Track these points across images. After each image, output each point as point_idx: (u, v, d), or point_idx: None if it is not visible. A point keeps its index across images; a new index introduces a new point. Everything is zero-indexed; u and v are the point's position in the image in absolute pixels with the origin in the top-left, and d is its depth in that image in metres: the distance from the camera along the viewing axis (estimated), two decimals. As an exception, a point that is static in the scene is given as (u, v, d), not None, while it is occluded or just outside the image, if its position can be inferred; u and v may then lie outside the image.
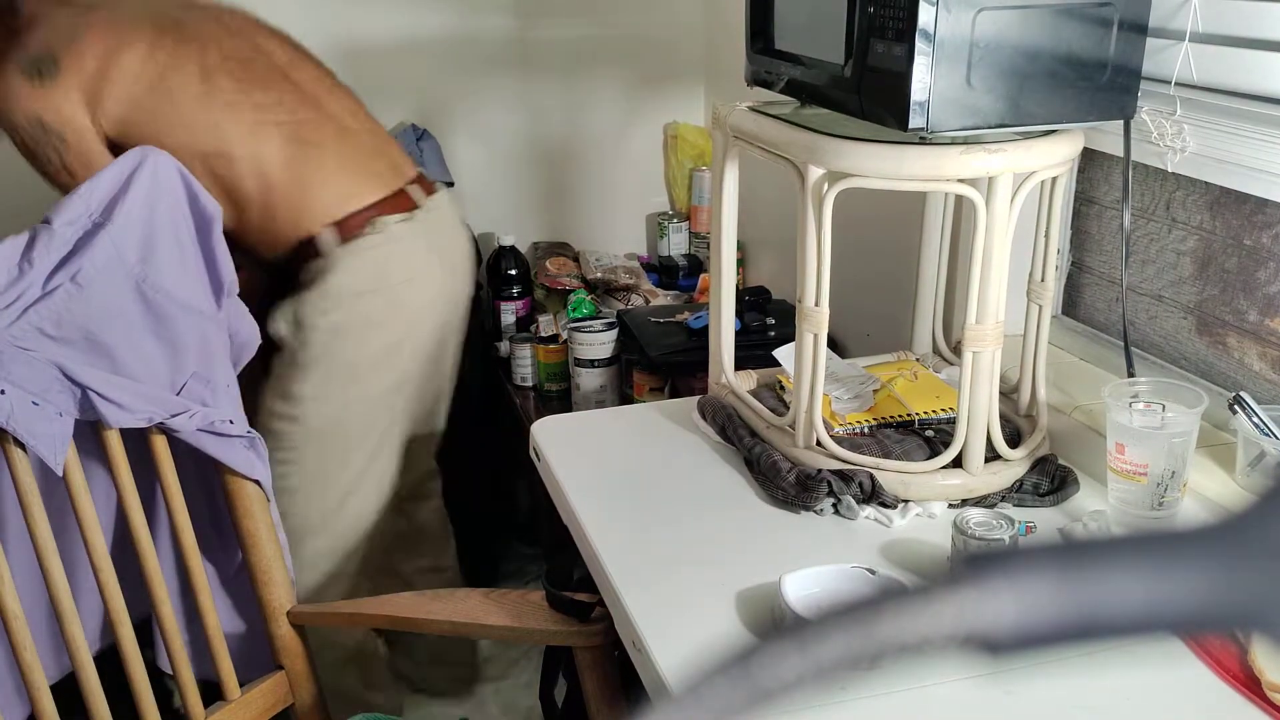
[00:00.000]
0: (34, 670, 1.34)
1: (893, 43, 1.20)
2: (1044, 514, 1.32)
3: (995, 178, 1.22)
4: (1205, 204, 1.41)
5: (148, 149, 1.45)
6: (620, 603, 1.19)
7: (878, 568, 1.17)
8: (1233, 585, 0.33)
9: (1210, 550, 0.33)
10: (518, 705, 2.26)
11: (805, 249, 1.30)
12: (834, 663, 0.34)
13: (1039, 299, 1.40)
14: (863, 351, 1.81)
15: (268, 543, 1.55)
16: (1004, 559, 0.34)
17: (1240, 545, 0.33)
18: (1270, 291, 1.34)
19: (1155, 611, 0.33)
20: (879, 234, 2.00)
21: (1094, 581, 0.33)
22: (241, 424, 1.50)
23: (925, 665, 0.34)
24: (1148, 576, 0.33)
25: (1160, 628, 0.33)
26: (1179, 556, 0.33)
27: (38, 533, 1.34)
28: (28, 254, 1.33)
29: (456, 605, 1.56)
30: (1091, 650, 0.33)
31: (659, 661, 1.09)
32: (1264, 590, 0.33)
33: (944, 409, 1.44)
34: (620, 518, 1.36)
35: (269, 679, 1.56)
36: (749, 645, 0.35)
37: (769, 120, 1.38)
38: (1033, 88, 1.23)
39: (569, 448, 1.52)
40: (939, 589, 0.34)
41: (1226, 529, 0.34)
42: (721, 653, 0.36)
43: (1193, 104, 1.32)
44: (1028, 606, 0.33)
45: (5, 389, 1.29)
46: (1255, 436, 1.24)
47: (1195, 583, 0.33)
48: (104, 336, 1.38)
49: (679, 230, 2.84)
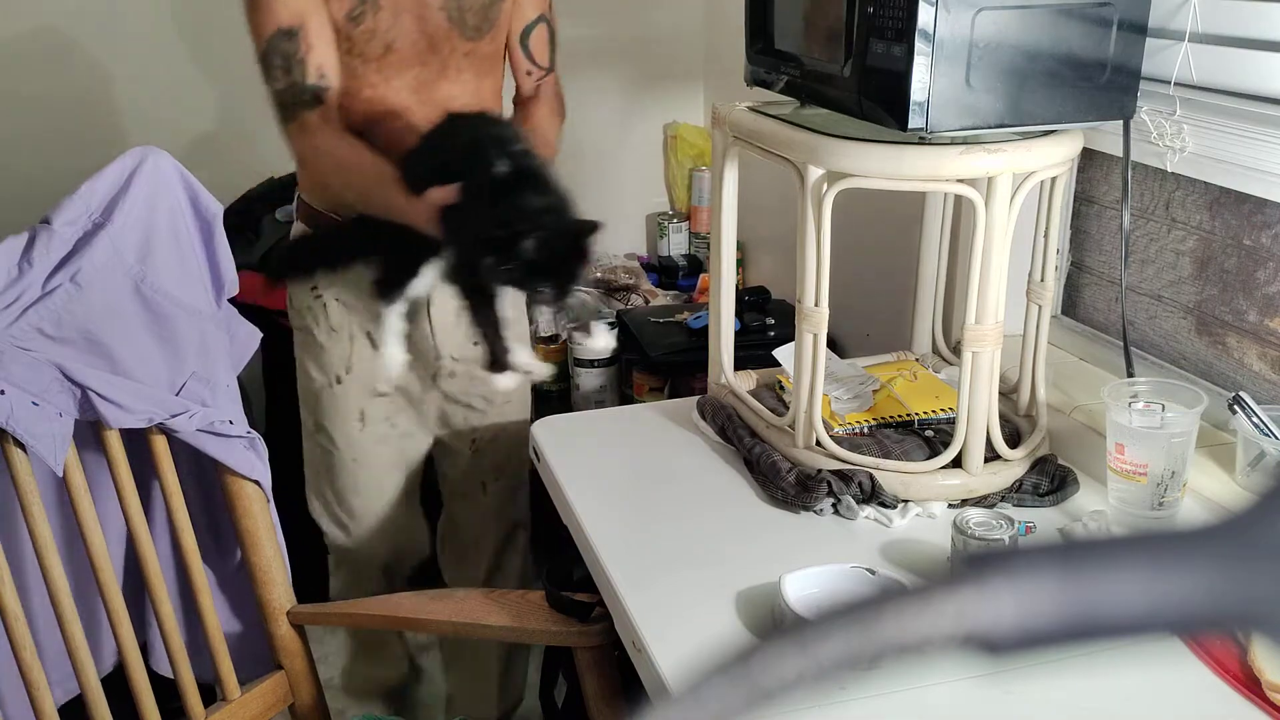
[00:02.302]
0: (33, 670, 1.34)
1: (892, 43, 1.20)
2: (1044, 514, 1.32)
3: (995, 178, 1.22)
4: (1205, 204, 1.41)
5: (148, 149, 1.45)
6: (620, 603, 1.19)
7: (878, 568, 1.17)
8: (1233, 585, 0.33)
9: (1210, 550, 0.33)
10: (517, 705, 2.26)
11: (805, 249, 1.30)
12: (834, 663, 0.34)
13: (1039, 299, 1.40)
14: (862, 351, 1.81)
15: (268, 543, 1.55)
16: (1004, 559, 0.34)
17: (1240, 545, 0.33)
18: (1270, 291, 1.34)
19: (1155, 611, 0.33)
20: (879, 234, 2.00)
21: (1094, 582, 0.33)
22: (241, 424, 1.50)
23: (925, 665, 0.34)
24: (1148, 577, 0.33)
25: (1160, 628, 0.33)
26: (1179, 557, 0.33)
27: (38, 533, 1.34)
28: (27, 254, 1.33)
29: (456, 605, 1.56)
30: (1091, 650, 0.33)
31: (659, 662, 1.09)
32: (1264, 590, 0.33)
33: (944, 409, 1.44)
34: (620, 518, 1.36)
35: (269, 679, 1.56)
36: (749, 645, 0.35)
37: (769, 120, 1.38)
38: (1032, 88, 1.23)
39: (569, 448, 1.52)
40: (939, 589, 0.34)
41: (1226, 529, 0.34)
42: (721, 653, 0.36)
43: (1192, 104, 1.32)
44: (1028, 606, 0.33)
45: (5, 389, 1.29)
46: (1255, 436, 1.24)
47: (1195, 583, 0.33)
48: (103, 337, 1.38)
49: (679, 230, 2.84)
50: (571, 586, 1.40)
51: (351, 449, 1.87)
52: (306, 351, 1.85)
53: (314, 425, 1.89)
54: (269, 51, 1.57)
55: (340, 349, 1.81)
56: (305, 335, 1.84)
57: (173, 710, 1.50)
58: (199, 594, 1.48)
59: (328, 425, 1.87)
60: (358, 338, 1.80)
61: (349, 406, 1.85)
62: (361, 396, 1.84)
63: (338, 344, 1.81)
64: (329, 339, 1.81)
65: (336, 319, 1.80)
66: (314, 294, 1.79)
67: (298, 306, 1.83)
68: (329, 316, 1.80)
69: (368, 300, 1.75)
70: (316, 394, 1.86)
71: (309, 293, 1.80)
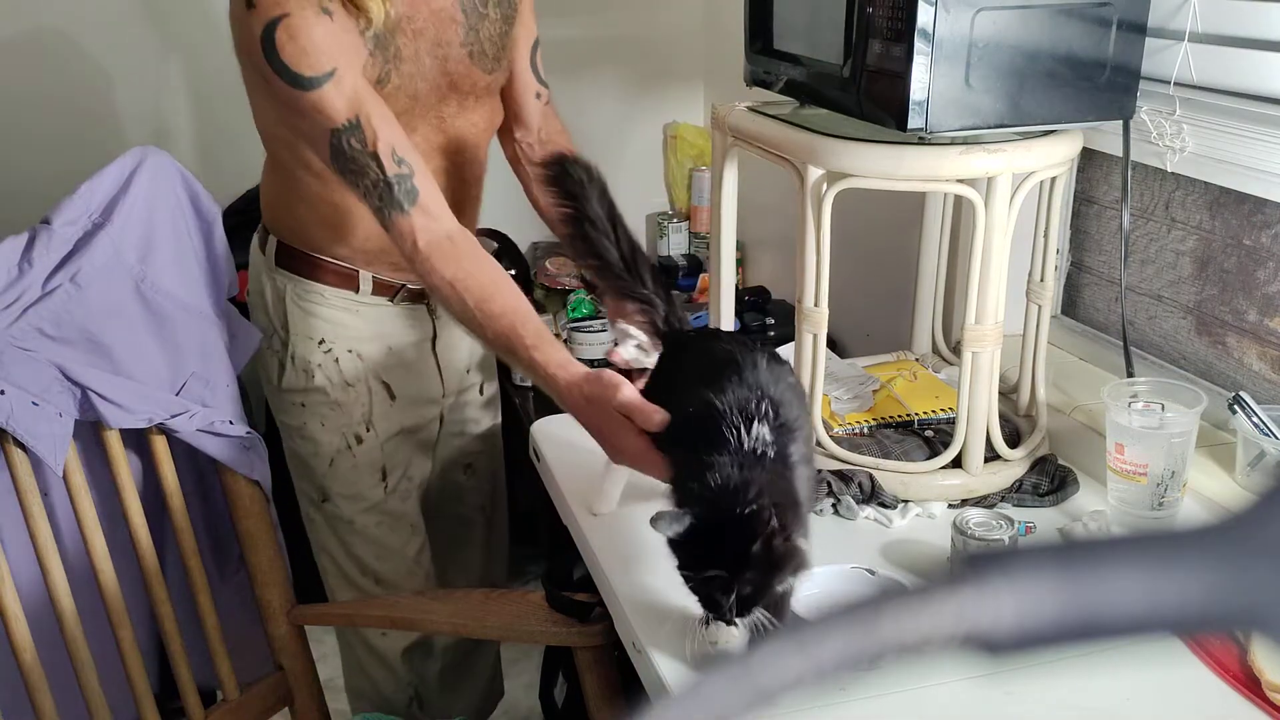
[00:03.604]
0: (33, 672, 1.34)
1: (891, 43, 1.20)
2: (1044, 514, 1.32)
3: (994, 178, 1.22)
4: (1204, 204, 1.41)
5: (148, 149, 1.45)
6: (620, 603, 1.19)
7: (877, 568, 1.17)
8: (1232, 585, 0.33)
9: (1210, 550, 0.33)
10: (518, 705, 2.27)
11: (805, 249, 1.30)
12: (834, 663, 0.34)
13: (1038, 299, 1.40)
14: (862, 351, 1.81)
15: (267, 543, 1.55)
16: (1004, 559, 0.34)
17: (1240, 545, 0.33)
18: (1269, 291, 1.34)
19: (1155, 611, 0.33)
20: (879, 234, 2.01)
21: (1094, 581, 0.33)
22: (241, 424, 1.50)
23: (925, 665, 0.34)
24: (1147, 576, 0.33)
25: (1160, 628, 0.33)
26: (1179, 557, 0.33)
27: (37, 533, 1.34)
28: (27, 254, 1.33)
29: (456, 605, 1.56)
30: (1091, 650, 0.33)
31: (659, 662, 1.09)
32: (1264, 590, 0.33)
33: (943, 409, 1.44)
34: (620, 518, 1.36)
35: (269, 679, 1.56)
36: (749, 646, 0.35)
37: (768, 120, 1.38)
38: (1032, 88, 1.23)
39: (569, 448, 1.52)
40: (939, 589, 0.34)
41: (1226, 529, 0.34)
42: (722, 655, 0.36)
43: (1192, 104, 1.32)
44: (1027, 606, 0.33)
45: (5, 389, 1.29)
46: (1255, 436, 1.24)
47: (1195, 583, 0.33)
48: (103, 337, 1.38)
49: (679, 230, 2.84)
50: (571, 586, 1.40)
51: (374, 513, 1.73)
52: (314, 417, 1.68)
53: (320, 497, 1.73)
54: (336, 155, 1.39)
55: (359, 404, 1.68)
56: (311, 398, 1.68)
57: (173, 710, 1.50)
58: (199, 594, 1.48)
59: (343, 493, 1.71)
60: (375, 389, 1.68)
61: (370, 467, 1.71)
62: (383, 453, 1.71)
63: (356, 399, 1.68)
64: (344, 394, 1.67)
65: (351, 372, 1.67)
66: (323, 348, 1.65)
67: (301, 367, 1.67)
68: (342, 371, 1.66)
69: (378, 346, 1.67)
70: (329, 461, 1.70)
71: (317, 348, 1.65)
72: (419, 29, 1.48)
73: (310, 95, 1.36)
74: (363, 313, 1.66)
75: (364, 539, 1.74)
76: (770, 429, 1.05)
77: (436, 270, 1.37)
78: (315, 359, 1.66)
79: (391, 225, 1.39)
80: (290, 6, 1.36)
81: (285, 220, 1.65)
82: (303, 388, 1.67)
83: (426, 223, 1.38)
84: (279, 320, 1.67)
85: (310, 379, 1.67)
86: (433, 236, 1.38)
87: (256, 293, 1.71)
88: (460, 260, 1.38)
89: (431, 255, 1.38)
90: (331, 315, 1.65)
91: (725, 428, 1.05)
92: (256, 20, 1.36)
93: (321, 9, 1.37)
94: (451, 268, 1.37)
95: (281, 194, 1.64)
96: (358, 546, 1.74)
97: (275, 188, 1.65)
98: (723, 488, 1.01)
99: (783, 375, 1.12)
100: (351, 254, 1.63)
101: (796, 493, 1.05)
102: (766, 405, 1.06)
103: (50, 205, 1.38)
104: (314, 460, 1.71)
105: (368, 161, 1.38)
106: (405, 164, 1.39)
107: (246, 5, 1.37)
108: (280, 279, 1.66)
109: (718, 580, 1.00)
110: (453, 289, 1.36)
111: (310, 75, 1.36)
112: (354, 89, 1.38)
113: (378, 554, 1.75)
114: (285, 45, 1.35)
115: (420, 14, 1.49)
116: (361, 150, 1.38)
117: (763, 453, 1.04)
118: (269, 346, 1.68)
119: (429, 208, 1.39)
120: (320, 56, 1.36)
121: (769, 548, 0.99)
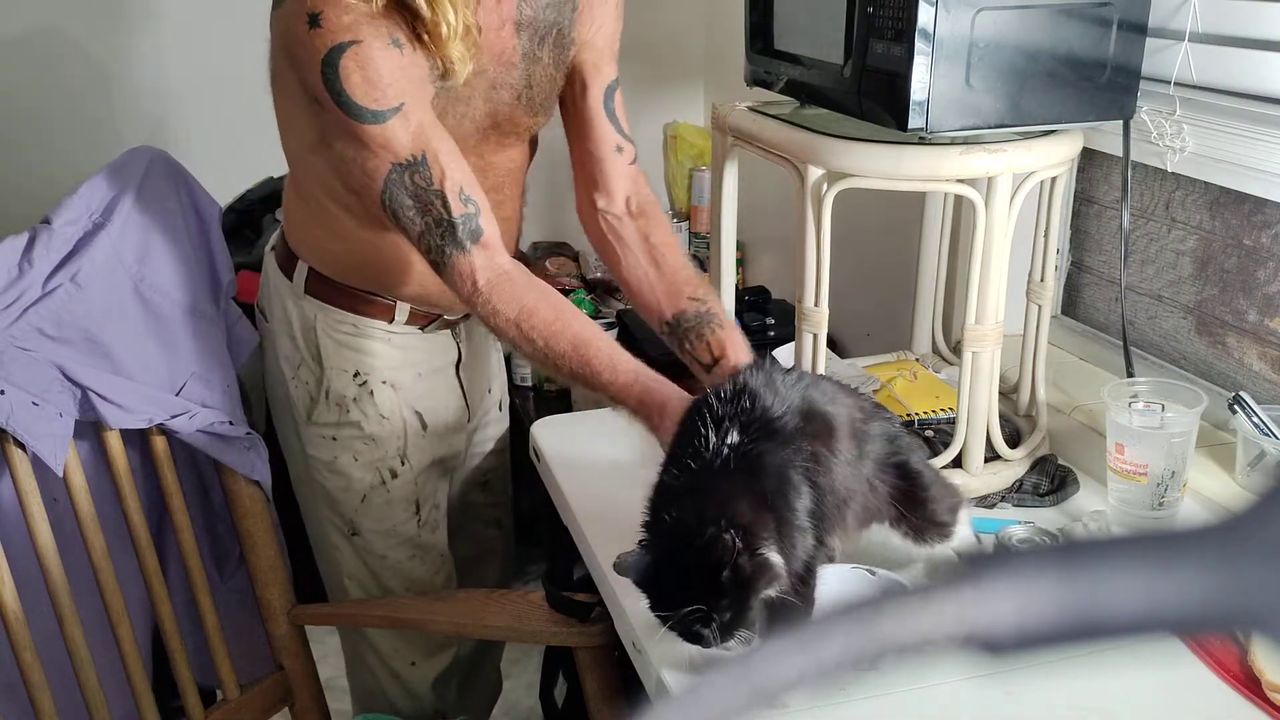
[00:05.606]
0: (33, 672, 1.34)
1: (892, 43, 1.20)
2: (1044, 514, 1.32)
3: (995, 178, 1.22)
4: (1204, 204, 1.41)
5: (148, 149, 1.45)
6: (620, 603, 1.19)
7: (877, 568, 1.17)
8: (1233, 585, 0.33)
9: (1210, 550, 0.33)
10: (518, 705, 2.27)
11: (805, 249, 1.30)
12: (834, 663, 0.34)
13: (1038, 299, 1.40)
14: (863, 351, 1.81)
15: (268, 543, 1.55)
16: (1004, 559, 0.34)
17: (1240, 545, 0.33)
18: (1270, 291, 1.34)
19: (1155, 611, 0.33)
20: (879, 234, 2.01)
21: (1094, 581, 0.33)
22: (241, 424, 1.50)
23: (925, 665, 0.34)
24: (1148, 577, 0.33)
25: (1160, 628, 0.33)
26: (1179, 556, 0.33)
27: (37, 532, 1.34)
28: (27, 254, 1.33)
29: (457, 605, 1.56)
30: (1091, 650, 0.33)
31: (659, 662, 1.09)
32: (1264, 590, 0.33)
33: (943, 409, 1.44)
34: (620, 518, 1.36)
35: (269, 679, 1.56)
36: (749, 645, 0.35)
37: (769, 120, 1.38)
38: (1032, 88, 1.23)
39: (569, 448, 1.52)
40: (939, 589, 0.34)
41: (1226, 529, 0.34)
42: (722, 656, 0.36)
43: (1192, 104, 1.32)
44: (1028, 606, 0.33)
45: (5, 389, 1.29)
46: (1255, 436, 1.24)
47: (1195, 583, 0.33)
48: (103, 337, 1.38)
49: (678, 230, 2.84)
50: (571, 586, 1.40)
51: (407, 547, 1.67)
52: (346, 451, 1.61)
53: (349, 530, 1.66)
54: (391, 190, 1.31)
55: (395, 438, 1.61)
56: (344, 433, 1.60)
57: (173, 710, 1.50)
58: (199, 594, 1.48)
59: (375, 529, 1.65)
60: (410, 420, 1.62)
61: (404, 502, 1.65)
62: (416, 486, 1.65)
63: (391, 432, 1.61)
64: (380, 428, 1.60)
65: (386, 405, 1.60)
66: (358, 381, 1.58)
67: (335, 401, 1.59)
68: (378, 404, 1.59)
69: (409, 374, 1.62)
70: (361, 497, 1.63)
71: (351, 381, 1.58)
72: (479, 69, 1.41)
73: (372, 129, 1.30)
74: (394, 340, 1.60)
75: (395, 572, 1.69)
76: (739, 432, 1.02)
77: (500, 311, 1.32)
78: (350, 393, 1.59)
79: (449, 265, 1.33)
80: (363, 34, 1.27)
81: (316, 251, 1.57)
82: (336, 422, 1.60)
83: (486, 260, 1.33)
84: (310, 352, 1.59)
85: (345, 413, 1.60)
86: (492, 274, 1.33)
87: (280, 319, 1.62)
88: (522, 297, 1.33)
89: (492, 295, 1.32)
90: (365, 345, 1.59)
91: (679, 446, 1.04)
92: (321, 42, 1.27)
93: (392, 40, 1.30)
94: (514, 306, 1.32)
95: (311, 225, 1.56)
96: (388, 578, 1.69)
97: (304, 216, 1.56)
98: (677, 520, 0.99)
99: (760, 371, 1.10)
100: (390, 289, 1.57)
101: (764, 493, 1.01)
102: (723, 409, 1.03)
103: (50, 205, 1.38)
104: (344, 495, 1.64)
105: (432, 199, 1.31)
106: (472, 203, 1.33)
107: (309, 22, 1.27)
108: (309, 307, 1.58)
109: (694, 615, 0.97)
110: (519, 330, 1.32)
111: (375, 109, 1.29)
112: (420, 124, 1.31)
113: (408, 585, 1.70)
114: (351, 74, 1.27)
115: (483, 57, 1.42)
116: (426, 188, 1.31)
117: (722, 463, 1.01)
118: (295, 377, 1.61)
119: (489, 245, 1.34)
120: (389, 90, 1.29)
121: (737, 570, 0.96)
